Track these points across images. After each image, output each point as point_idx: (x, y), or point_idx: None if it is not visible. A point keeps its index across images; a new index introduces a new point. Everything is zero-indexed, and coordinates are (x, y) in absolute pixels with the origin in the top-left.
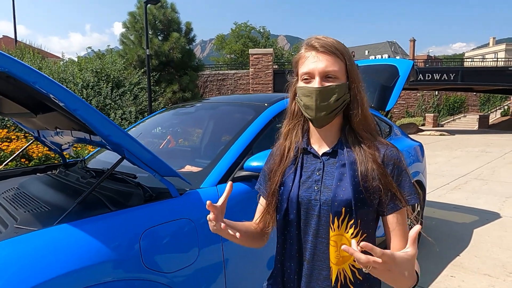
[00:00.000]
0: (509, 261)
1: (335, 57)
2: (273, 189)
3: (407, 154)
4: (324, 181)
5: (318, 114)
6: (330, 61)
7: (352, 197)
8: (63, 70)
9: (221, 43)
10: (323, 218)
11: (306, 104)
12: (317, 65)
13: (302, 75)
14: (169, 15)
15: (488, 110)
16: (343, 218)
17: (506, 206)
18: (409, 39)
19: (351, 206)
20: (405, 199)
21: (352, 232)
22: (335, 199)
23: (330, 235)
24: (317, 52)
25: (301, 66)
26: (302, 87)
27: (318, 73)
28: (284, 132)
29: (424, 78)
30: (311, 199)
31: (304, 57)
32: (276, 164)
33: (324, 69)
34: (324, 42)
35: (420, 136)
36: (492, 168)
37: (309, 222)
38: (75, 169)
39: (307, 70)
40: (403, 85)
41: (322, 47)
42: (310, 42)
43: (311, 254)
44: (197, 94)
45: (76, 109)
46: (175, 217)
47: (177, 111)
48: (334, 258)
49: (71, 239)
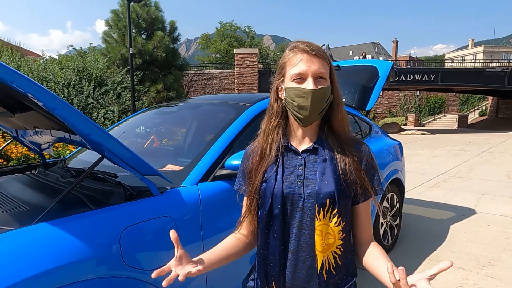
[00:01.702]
0: (482, 255)
1: (324, 60)
2: (256, 187)
3: (387, 153)
4: (306, 176)
5: (311, 114)
6: (320, 64)
7: (335, 189)
8: (43, 68)
9: (206, 42)
10: (307, 211)
11: (300, 105)
12: (310, 67)
13: (294, 76)
14: (153, 13)
15: (467, 110)
16: (327, 209)
17: (481, 202)
18: (392, 40)
19: (334, 197)
20: (374, 190)
21: (335, 221)
22: (320, 191)
23: (315, 225)
24: (308, 55)
25: (292, 68)
26: (295, 88)
27: (311, 74)
28: (265, 131)
29: (406, 79)
30: (295, 193)
31: (294, 59)
32: (256, 163)
33: (317, 70)
34: (314, 46)
35: (402, 136)
36: (469, 166)
37: (293, 215)
38: (55, 169)
39: (300, 71)
40: (383, 86)
41: (312, 50)
42: (299, 46)
43: (296, 246)
44: (182, 94)
45: (55, 108)
46: (155, 215)
47: (160, 110)
48: (320, 247)
49: (49, 237)
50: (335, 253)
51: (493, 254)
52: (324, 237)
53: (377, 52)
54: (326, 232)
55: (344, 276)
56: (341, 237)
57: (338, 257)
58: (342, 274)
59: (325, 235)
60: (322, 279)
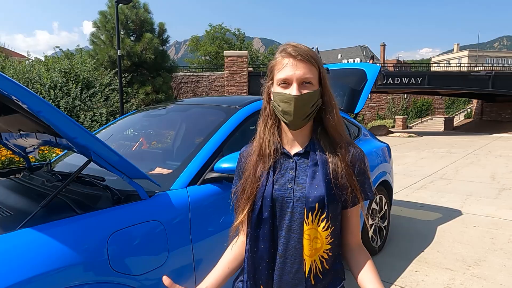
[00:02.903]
0: (468, 255)
1: (311, 65)
2: (253, 190)
3: (375, 155)
4: (297, 180)
5: (295, 119)
6: (306, 69)
7: (325, 194)
8: (28, 70)
9: (195, 44)
10: (296, 214)
11: (284, 110)
12: (295, 72)
13: (279, 81)
14: (141, 15)
15: (453, 113)
16: (316, 213)
17: (467, 203)
18: (380, 44)
19: (324, 201)
20: (366, 195)
21: (324, 225)
22: (309, 195)
23: (304, 229)
24: (294, 59)
25: (278, 72)
26: (280, 93)
27: (296, 80)
28: (260, 133)
29: (393, 82)
30: (284, 196)
31: (281, 63)
32: (253, 165)
33: (301, 76)
34: (301, 51)
35: (390, 138)
36: (455, 168)
37: (282, 218)
38: (41, 172)
39: (285, 76)
40: (371, 89)
41: (299, 55)
42: (287, 49)
43: (284, 249)
44: (171, 96)
45: (40, 111)
46: (143, 219)
47: (149, 113)
48: (308, 251)
49: (34, 243)
50: (323, 257)
51: (479, 255)
52: (312, 241)
53: (365, 56)
54: (314, 236)
55: (332, 280)
56: (329, 241)
57: (325, 261)
58: (329, 279)
59: (313, 239)
60: (309, 284)
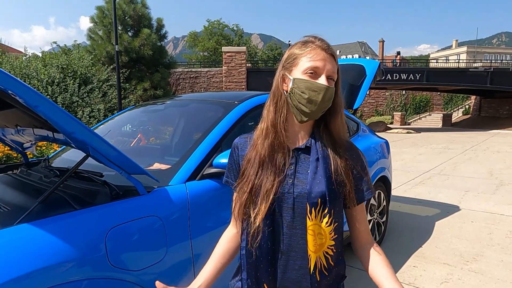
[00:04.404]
0: (466, 251)
1: (336, 63)
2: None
3: (374, 151)
4: (297, 175)
5: (318, 110)
6: (334, 66)
7: (326, 189)
8: (25, 65)
9: (193, 40)
10: (298, 210)
11: (310, 99)
12: (327, 65)
13: (308, 69)
14: (139, 10)
15: (451, 109)
16: (318, 209)
17: (465, 199)
18: (378, 40)
19: (325, 197)
20: (363, 194)
21: (326, 221)
22: (311, 191)
23: (307, 225)
24: (326, 53)
25: (308, 61)
26: (309, 81)
27: (326, 72)
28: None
29: (392, 78)
30: (284, 192)
31: (313, 53)
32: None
33: (331, 70)
34: (331, 48)
35: (388, 134)
36: (453, 164)
37: (283, 214)
38: (38, 168)
39: (317, 65)
40: (370, 84)
41: (330, 50)
42: (316, 42)
43: (287, 246)
44: (169, 92)
45: (37, 105)
46: (142, 214)
47: (147, 108)
48: (312, 246)
49: (32, 238)
50: (327, 253)
51: (476, 250)
52: (316, 237)
53: (364, 52)
54: (318, 232)
55: (336, 277)
56: (332, 237)
57: (330, 257)
58: (333, 275)
59: (317, 235)
60: (314, 280)
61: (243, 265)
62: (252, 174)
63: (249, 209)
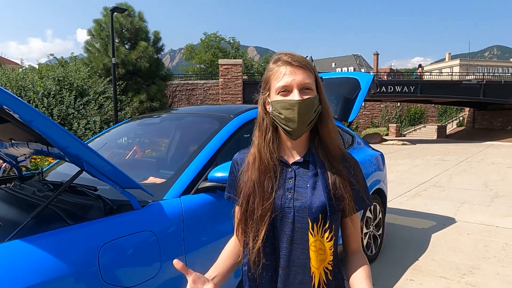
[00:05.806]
0: (462, 263)
1: (308, 71)
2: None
3: (369, 163)
4: (297, 189)
5: (299, 126)
6: (305, 74)
7: (327, 204)
8: (22, 77)
9: (190, 53)
10: (298, 225)
11: (287, 117)
12: (295, 78)
13: (279, 89)
14: (136, 23)
15: (446, 121)
16: (319, 224)
17: (461, 211)
18: (373, 53)
19: (326, 212)
20: (361, 203)
21: (327, 236)
22: (312, 206)
23: (310, 241)
24: (292, 66)
25: (276, 81)
26: (281, 101)
27: (296, 86)
28: (259, 145)
29: (386, 90)
30: (284, 206)
31: (279, 72)
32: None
33: (302, 81)
34: (297, 57)
35: (384, 146)
36: (449, 176)
37: (283, 229)
38: (32, 182)
39: (285, 84)
40: (364, 97)
41: (296, 61)
42: (282, 57)
43: (287, 261)
44: (166, 104)
45: (32, 120)
46: (136, 229)
47: (143, 121)
48: (315, 263)
49: (24, 255)
50: (327, 268)
51: (472, 262)
52: (317, 253)
53: (358, 64)
54: (319, 248)
55: None
56: (332, 252)
57: (329, 272)
58: None
59: (319, 251)
60: None
61: (245, 281)
62: (245, 198)
63: (248, 228)
